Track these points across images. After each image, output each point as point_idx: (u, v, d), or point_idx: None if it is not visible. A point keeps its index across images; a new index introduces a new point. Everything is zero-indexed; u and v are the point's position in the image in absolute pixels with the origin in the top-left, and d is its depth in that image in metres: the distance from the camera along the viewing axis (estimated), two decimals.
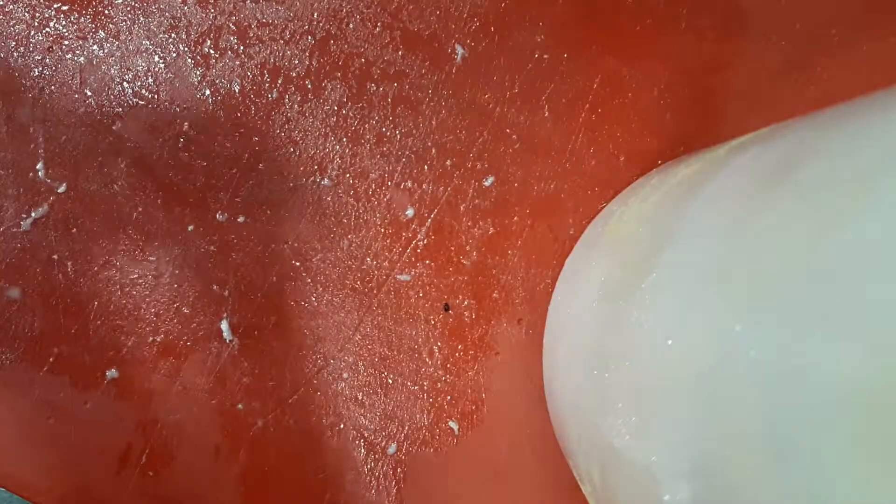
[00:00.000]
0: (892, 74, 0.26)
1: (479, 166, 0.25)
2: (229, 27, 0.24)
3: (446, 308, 0.24)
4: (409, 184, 0.24)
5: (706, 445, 0.14)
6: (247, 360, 0.24)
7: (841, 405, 0.11)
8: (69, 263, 0.23)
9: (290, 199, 0.24)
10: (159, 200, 0.23)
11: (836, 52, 0.26)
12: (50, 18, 0.23)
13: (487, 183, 0.25)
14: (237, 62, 0.24)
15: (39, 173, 0.23)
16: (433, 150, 0.24)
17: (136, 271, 0.23)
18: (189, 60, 0.24)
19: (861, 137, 0.13)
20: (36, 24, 0.23)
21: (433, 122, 0.24)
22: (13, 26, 0.23)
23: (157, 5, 0.23)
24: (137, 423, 0.23)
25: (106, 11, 0.23)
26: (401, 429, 0.24)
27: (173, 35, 0.23)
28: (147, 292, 0.23)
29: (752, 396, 0.12)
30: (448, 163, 0.24)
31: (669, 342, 0.15)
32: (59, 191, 0.23)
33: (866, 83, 0.26)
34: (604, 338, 0.19)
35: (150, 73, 0.23)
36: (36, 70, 0.23)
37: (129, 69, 0.23)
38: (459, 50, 0.24)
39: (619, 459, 0.17)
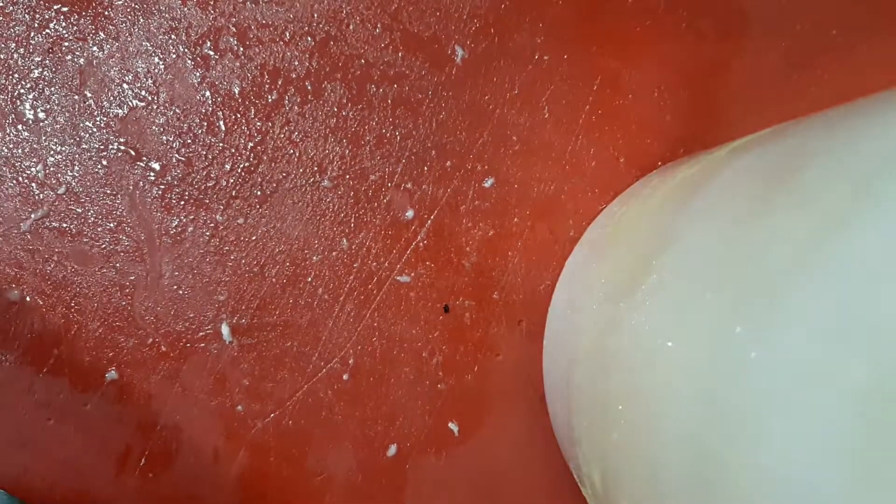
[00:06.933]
0: (893, 75, 0.26)
1: (479, 167, 0.25)
2: (229, 28, 0.24)
3: (446, 309, 0.24)
4: (409, 185, 0.24)
5: (707, 447, 0.14)
6: (246, 361, 0.24)
7: (842, 407, 0.11)
8: (69, 264, 0.23)
9: (290, 201, 0.24)
10: (159, 201, 0.23)
11: (837, 53, 0.26)
12: (50, 20, 0.23)
13: (487, 184, 0.25)
14: (237, 63, 0.24)
15: (39, 174, 0.23)
16: (433, 152, 0.24)
17: (136, 272, 0.23)
18: (189, 62, 0.24)
19: (862, 139, 0.13)
20: (36, 25, 0.23)
21: (433, 124, 0.24)
22: (13, 27, 0.23)
23: (156, 7, 0.23)
24: (137, 424, 0.23)
25: (106, 13, 0.23)
26: (401, 430, 0.24)
27: (173, 36, 0.23)
28: (147, 293, 0.23)
29: (754, 398, 0.12)
30: (448, 164, 0.24)
31: (670, 344, 0.15)
32: (58, 192, 0.23)
33: (867, 84, 0.26)
34: (604, 339, 0.19)
35: (149, 75, 0.23)
36: (36, 71, 0.23)
37: (128, 70, 0.23)
38: (459, 51, 0.24)
39: (619, 462, 0.17)
